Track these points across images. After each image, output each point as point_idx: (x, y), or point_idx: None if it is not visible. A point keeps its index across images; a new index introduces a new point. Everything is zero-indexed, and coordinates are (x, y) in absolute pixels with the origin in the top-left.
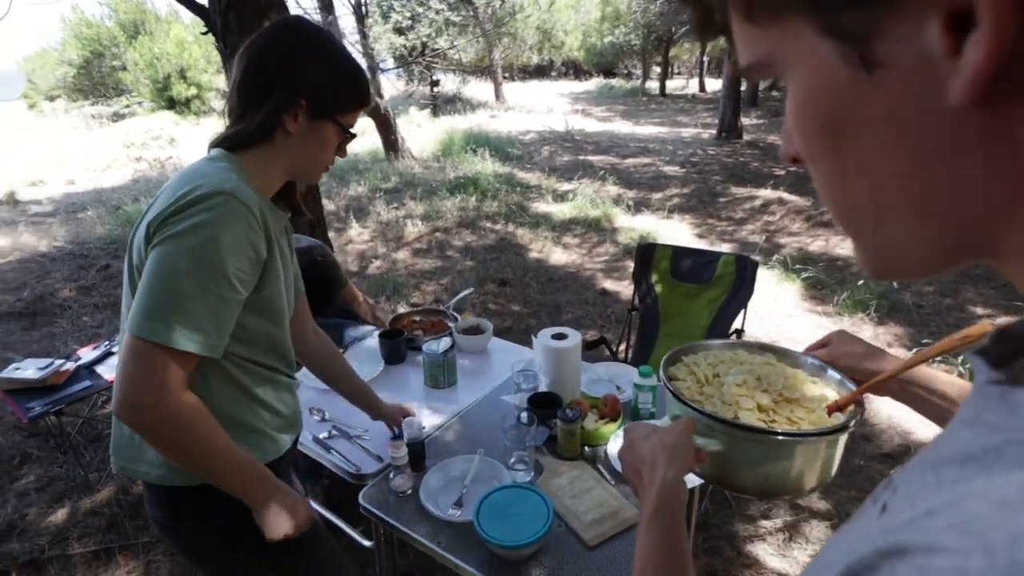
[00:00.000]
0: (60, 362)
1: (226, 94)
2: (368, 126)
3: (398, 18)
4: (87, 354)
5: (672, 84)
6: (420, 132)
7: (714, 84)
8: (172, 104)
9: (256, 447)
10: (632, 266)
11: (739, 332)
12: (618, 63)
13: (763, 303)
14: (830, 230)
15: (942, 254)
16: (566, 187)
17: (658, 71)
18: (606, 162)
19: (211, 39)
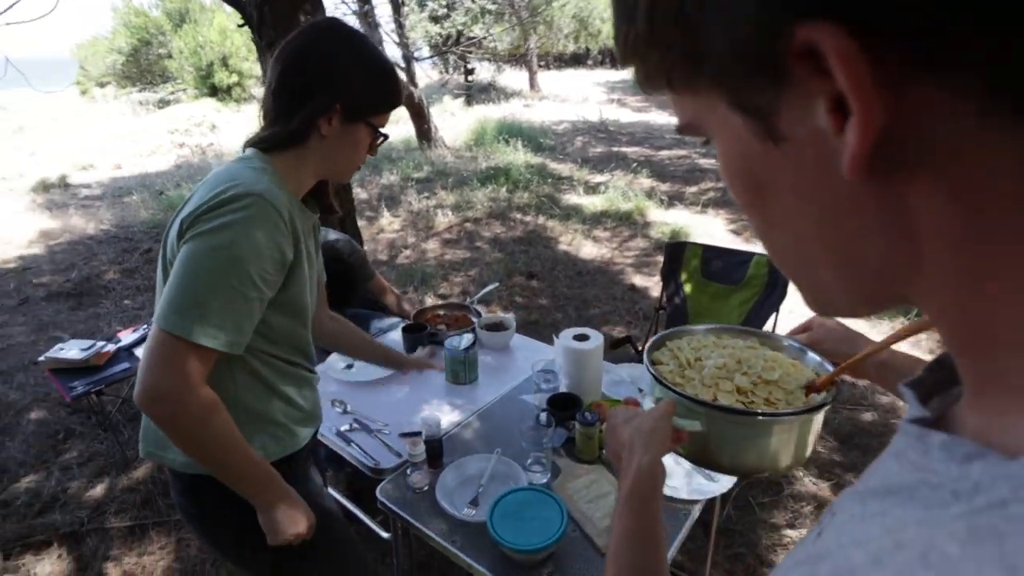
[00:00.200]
0: (102, 344)
1: (265, 82)
2: (402, 115)
3: (434, 6)
4: (127, 336)
5: None
6: (454, 121)
7: None
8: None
9: (276, 439)
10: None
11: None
12: None
13: (796, 305)
14: None
15: (866, 298)
16: (598, 179)
17: None
18: (640, 154)
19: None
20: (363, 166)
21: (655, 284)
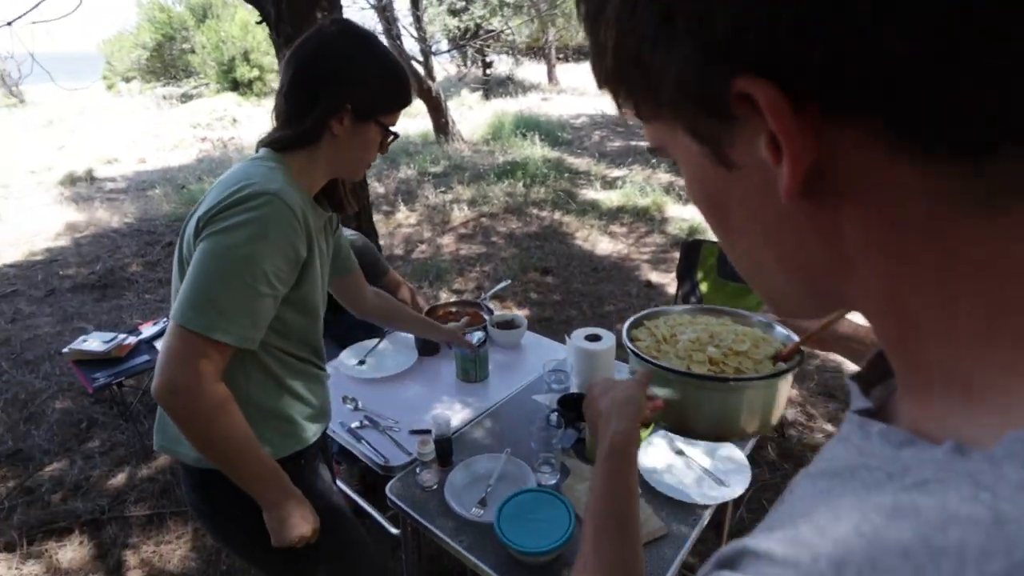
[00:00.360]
0: (123, 336)
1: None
2: (420, 109)
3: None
4: (148, 329)
5: None
6: (471, 115)
7: None
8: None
9: (286, 435)
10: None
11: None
12: None
13: None
14: None
15: (813, 302)
16: (616, 174)
17: None
18: None
19: None
20: (380, 160)
21: (671, 281)
